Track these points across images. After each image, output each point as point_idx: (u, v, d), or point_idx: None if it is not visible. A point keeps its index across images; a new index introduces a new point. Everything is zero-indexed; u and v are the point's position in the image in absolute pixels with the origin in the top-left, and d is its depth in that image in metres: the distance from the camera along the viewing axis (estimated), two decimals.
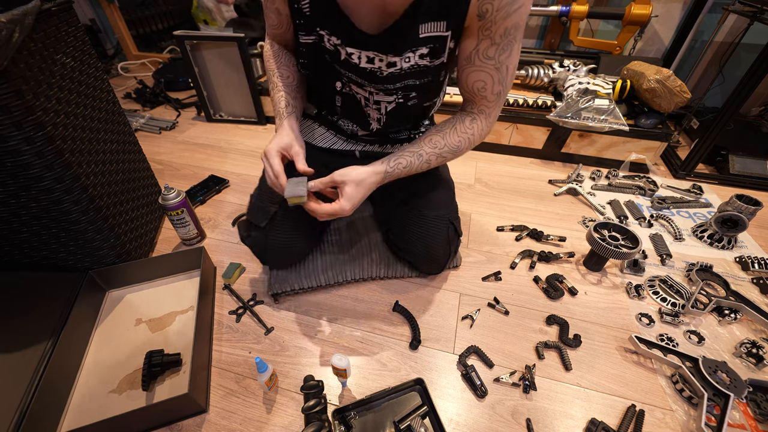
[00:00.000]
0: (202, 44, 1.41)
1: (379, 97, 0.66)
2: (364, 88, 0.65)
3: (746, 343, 0.75)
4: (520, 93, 1.42)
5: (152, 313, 0.82)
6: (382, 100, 0.66)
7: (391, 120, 0.71)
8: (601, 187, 1.24)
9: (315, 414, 0.60)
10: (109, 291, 0.85)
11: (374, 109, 0.69)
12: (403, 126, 0.79)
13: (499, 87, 0.61)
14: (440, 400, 0.67)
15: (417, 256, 0.83)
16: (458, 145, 0.67)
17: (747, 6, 1.20)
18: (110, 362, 0.72)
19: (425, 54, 0.58)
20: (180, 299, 0.85)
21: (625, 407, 0.66)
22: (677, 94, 1.18)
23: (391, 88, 0.63)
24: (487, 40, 0.56)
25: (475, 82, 0.61)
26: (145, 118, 1.60)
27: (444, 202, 0.82)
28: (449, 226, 0.80)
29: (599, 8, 1.49)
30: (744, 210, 0.95)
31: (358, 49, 0.58)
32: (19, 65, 0.59)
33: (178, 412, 0.65)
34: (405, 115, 0.71)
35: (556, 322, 0.80)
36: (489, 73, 0.59)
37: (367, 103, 0.68)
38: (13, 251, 0.74)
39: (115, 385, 0.68)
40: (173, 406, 0.62)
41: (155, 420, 0.64)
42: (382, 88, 0.63)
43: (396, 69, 0.59)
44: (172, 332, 0.78)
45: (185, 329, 0.78)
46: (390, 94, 0.65)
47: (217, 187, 1.20)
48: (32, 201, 0.68)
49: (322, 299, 0.85)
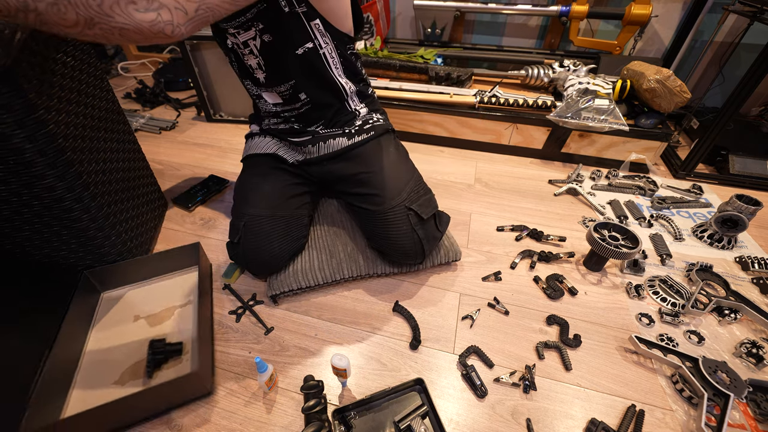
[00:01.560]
0: (202, 44, 1.41)
1: (243, 36, 0.69)
2: (230, 32, 0.69)
3: (746, 343, 0.75)
4: (520, 93, 1.42)
5: (150, 309, 0.82)
6: (248, 39, 0.70)
7: (270, 63, 0.73)
8: (601, 187, 1.24)
9: (315, 414, 0.60)
10: (104, 291, 0.85)
11: (249, 55, 0.73)
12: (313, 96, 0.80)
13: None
14: (440, 400, 0.67)
15: (388, 254, 0.84)
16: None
17: (747, 6, 1.20)
18: (110, 357, 0.73)
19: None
20: (177, 295, 0.86)
21: (625, 407, 0.66)
22: (677, 94, 1.18)
23: (244, 21, 0.66)
24: None
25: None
26: (145, 118, 1.60)
27: (396, 189, 0.80)
28: (407, 213, 0.78)
29: (599, 8, 1.49)
30: (744, 210, 0.95)
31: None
32: (22, 64, 0.59)
33: (185, 394, 0.66)
34: (278, 55, 0.72)
35: (556, 322, 0.80)
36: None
37: (243, 52, 0.73)
38: (15, 249, 0.75)
39: (117, 376, 0.69)
40: (180, 387, 0.63)
41: (162, 402, 0.64)
42: (237, 24, 0.67)
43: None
44: (171, 326, 0.79)
45: (184, 322, 0.79)
46: (247, 29, 0.68)
47: (217, 187, 1.20)
48: (34, 199, 0.68)
49: (322, 299, 0.86)
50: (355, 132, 0.86)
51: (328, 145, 0.85)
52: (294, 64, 0.73)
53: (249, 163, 0.92)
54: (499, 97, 1.37)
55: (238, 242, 0.80)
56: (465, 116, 1.37)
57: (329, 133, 0.84)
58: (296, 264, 0.86)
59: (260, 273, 0.85)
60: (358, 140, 0.86)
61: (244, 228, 0.80)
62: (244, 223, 0.80)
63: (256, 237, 0.80)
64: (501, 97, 1.36)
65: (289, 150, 0.89)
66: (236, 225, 0.81)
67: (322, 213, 1.02)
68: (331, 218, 0.99)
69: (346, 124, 0.85)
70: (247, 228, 0.80)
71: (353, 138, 0.86)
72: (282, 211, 0.83)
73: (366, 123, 0.87)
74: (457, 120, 1.39)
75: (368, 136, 0.87)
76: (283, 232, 0.82)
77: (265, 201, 0.82)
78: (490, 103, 1.37)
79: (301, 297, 0.86)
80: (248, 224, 0.80)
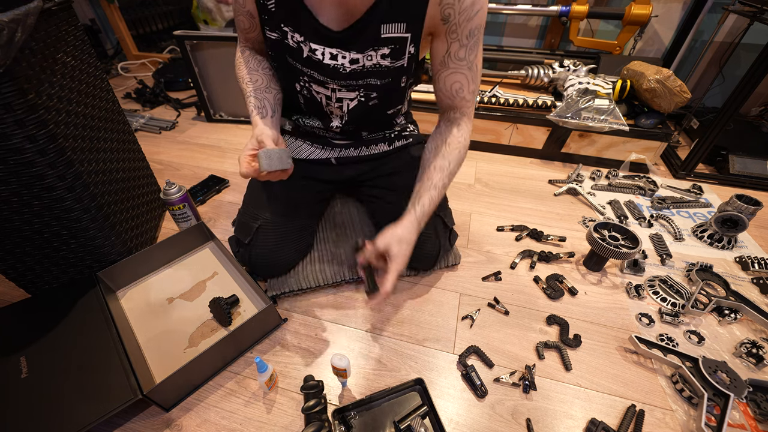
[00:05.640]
0: (202, 44, 1.41)
1: (342, 94, 0.67)
2: (326, 85, 0.66)
3: (746, 343, 0.75)
4: (520, 93, 1.42)
5: (180, 288, 0.86)
6: (344, 98, 0.68)
7: (353, 118, 0.73)
8: (601, 187, 1.24)
9: (315, 414, 0.60)
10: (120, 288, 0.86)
11: (336, 107, 0.70)
12: (368, 128, 0.80)
13: (473, 85, 0.66)
14: (440, 400, 0.67)
15: None
16: (459, 157, 0.69)
17: (747, 6, 1.20)
18: (166, 335, 0.76)
19: (386, 54, 0.62)
20: (201, 270, 0.90)
21: (625, 407, 0.66)
22: (677, 94, 1.18)
23: (354, 84, 0.65)
24: (456, 43, 0.61)
25: (453, 84, 0.66)
26: (145, 118, 1.60)
27: None
28: (435, 218, 0.82)
29: (599, 8, 1.49)
30: (744, 210, 0.95)
31: (322, 45, 0.61)
32: (22, 64, 0.59)
33: (266, 326, 0.76)
34: (367, 115, 0.72)
35: (556, 322, 0.80)
36: (464, 74, 0.64)
37: (328, 102, 0.70)
38: (15, 249, 0.75)
39: (186, 344, 0.74)
40: (261, 321, 0.74)
41: (247, 339, 0.74)
42: (344, 84, 0.65)
43: (358, 66, 0.62)
44: (210, 294, 0.82)
45: (220, 287, 0.85)
46: (352, 90, 0.67)
47: (217, 187, 1.20)
48: (34, 199, 0.68)
49: (322, 299, 0.86)
50: (395, 137, 0.85)
51: (369, 149, 0.84)
52: (376, 121, 0.74)
53: None
54: (499, 97, 1.37)
55: (248, 243, 0.80)
56: None
57: (372, 138, 0.83)
58: (297, 265, 0.87)
59: (264, 275, 0.85)
60: (397, 145, 0.86)
61: (257, 231, 0.79)
62: (259, 225, 0.79)
63: (269, 242, 0.79)
64: (501, 97, 1.36)
65: (325, 148, 0.83)
66: (249, 225, 0.80)
67: (324, 215, 1.02)
68: (333, 220, 0.99)
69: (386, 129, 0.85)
70: (261, 232, 0.79)
71: (393, 143, 0.86)
72: (297, 219, 0.83)
73: (404, 130, 0.87)
74: None
75: (407, 142, 0.88)
76: (295, 240, 0.83)
77: (282, 207, 0.82)
78: (490, 103, 1.37)
79: (301, 297, 0.86)
80: (263, 227, 0.79)
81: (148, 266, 0.88)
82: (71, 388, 0.63)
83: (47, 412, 0.59)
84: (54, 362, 0.67)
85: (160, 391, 0.62)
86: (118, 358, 0.66)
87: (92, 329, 0.71)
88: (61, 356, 0.67)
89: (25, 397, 0.61)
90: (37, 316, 0.75)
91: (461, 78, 0.64)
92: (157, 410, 0.65)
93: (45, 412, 0.59)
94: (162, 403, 0.64)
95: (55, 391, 0.62)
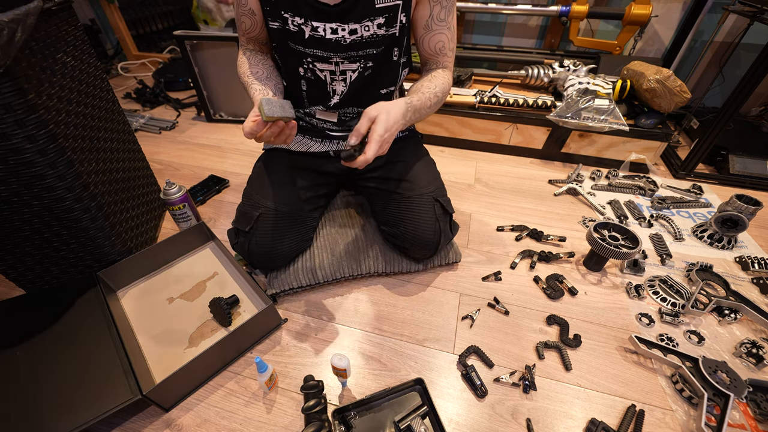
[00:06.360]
0: (202, 44, 1.41)
1: (345, 66, 0.74)
2: (329, 60, 0.73)
3: (746, 343, 0.75)
4: (520, 93, 1.42)
5: (180, 289, 0.86)
6: (347, 69, 0.75)
7: (353, 91, 0.78)
8: (601, 187, 1.24)
9: (315, 414, 0.60)
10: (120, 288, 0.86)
11: (340, 81, 0.76)
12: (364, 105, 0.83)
13: (452, 44, 0.77)
14: (440, 400, 0.67)
15: (406, 240, 0.83)
16: (443, 86, 0.76)
17: (747, 6, 1.20)
18: (166, 335, 0.76)
19: (382, 24, 0.69)
20: (201, 270, 0.90)
21: (625, 407, 0.66)
22: (677, 94, 1.18)
23: (354, 55, 0.72)
24: (437, 6, 0.71)
25: (437, 44, 0.76)
26: (145, 118, 1.60)
27: (426, 180, 0.86)
28: (434, 203, 0.83)
29: (599, 8, 1.49)
30: (744, 210, 0.95)
31: (322, 21, 0.67)
32: (22, 64, 0.59)
33: (266, 326, 0.76)
34: (364, 90, 0.79)
35: (556, 322, 0.80)
36: (444, 33, 0.74)
37: (333, 78, 0.76)
38: (15, 249, 0.75)
39: (186, 343, 0.74)
40: (260, 321, 0.73)
41: (247, 340, 0.74)
42: (346, 56, 0.72)
43: (357, 36, 0.69)
44: (210, 296, 0.82)
45: (221, 288, 0.86)
46: (354, 61, 0.73)
47: (217, 187, 1.20)
48: (34, 199, 0.68)
49: (322, 299, 0.86)
50: None
51: None
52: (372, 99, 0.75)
53: (274, 155, 0.91)
54: (499, 97, 1.37)
55: (248, 231, 0.80)
56: (465, 116, 1.37)
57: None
58: (297, 262, 0.86)
59: (262, 266, 0.85)
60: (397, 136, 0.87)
61: (258, 220, 0.79)
62: (260, 214, 0.79)
63: (269, 231, 0.79)
64: (501, 97, 1.36)
65: (324, 141, 0.88)
66: (250, 214, 0.80)
67: (324, 214, 1.02)
68: (333, 217, 0.99)
69: None
70: (262, 220, 0.79)
71: None
72: (299, 210, 0.84)
73: None
74: (457, 120, 1.39)
75: (403, 134, 0.93)
76: (296, 231, 0.83)
77: (284, 197, 0.82)
78: (490, 103, 1.37)
79: (301, 297, 0.86)
80: (264, 216, 0.80)
81: (148, 266, 0.88)
82: (71, 387, 0.63)
83: (47, 411, 0.59)
84: (54, 361, 0.67)
85: (160, 391, 0.62)
86: (117, 357, 0.66)
87: (92, 329, 0.72)
88: (61, 356, 0.67)
89: (24, 395, 0.62)
90: (37, 314, 0.75)
91: (443, 38, 0.75)
92: (156, 410, 0.65)
93: (44, 411, 0.59)
94: (162, 403, 0.64)
95: (54, 390, 0.62)
